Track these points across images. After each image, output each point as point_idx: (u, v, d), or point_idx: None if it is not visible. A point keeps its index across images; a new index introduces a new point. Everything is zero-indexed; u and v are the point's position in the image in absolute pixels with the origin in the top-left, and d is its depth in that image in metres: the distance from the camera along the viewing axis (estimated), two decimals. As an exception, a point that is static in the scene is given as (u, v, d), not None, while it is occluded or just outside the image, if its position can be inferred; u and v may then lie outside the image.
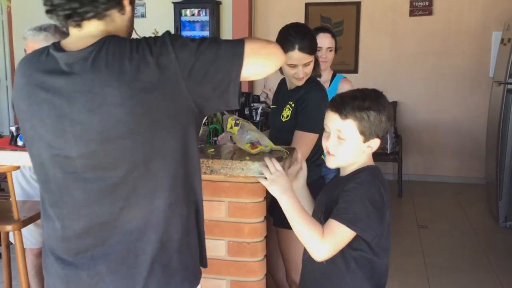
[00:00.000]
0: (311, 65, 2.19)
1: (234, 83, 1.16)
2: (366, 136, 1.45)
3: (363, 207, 1.38)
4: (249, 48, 1.16)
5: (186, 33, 5.98)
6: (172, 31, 4.86)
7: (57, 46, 1.20)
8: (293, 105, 2.20)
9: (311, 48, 2.16)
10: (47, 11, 1.19)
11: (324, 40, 2.83)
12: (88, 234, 1.19)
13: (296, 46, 2.12)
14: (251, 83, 5.83)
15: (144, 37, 1.17)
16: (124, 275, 1.18)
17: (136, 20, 1.31)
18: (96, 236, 1.19)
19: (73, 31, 1.20)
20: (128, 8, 1.24)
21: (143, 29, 1.84)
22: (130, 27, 1.27)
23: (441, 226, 4.44)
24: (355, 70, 5.83)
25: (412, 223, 4.50)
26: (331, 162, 1.51)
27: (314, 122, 2.09)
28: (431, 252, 3.85)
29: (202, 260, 1.32)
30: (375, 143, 1.47)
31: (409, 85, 5.81)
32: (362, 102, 1.44)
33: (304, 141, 2.10)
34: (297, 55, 2.13)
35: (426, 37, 5.70)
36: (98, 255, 1.19)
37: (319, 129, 2.02)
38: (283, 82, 2.41)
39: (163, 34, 1.16)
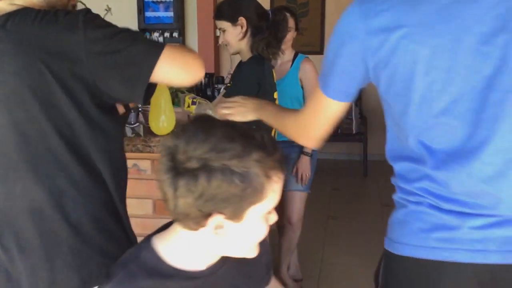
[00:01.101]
0: (228, 34, 2.20)
1: (142, 83, 1.13)
2: None
3: None
4: (167, 54, 1.13)
5: (150, 13, 5.86)
6: (135, 12, 4.76)
7: None
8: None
9: (218, 14, 2.21)
10: None
11: None
12: (1, 211, 1.18)
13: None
14: (216, 64, 5.78)
15: (56, 9, 1.14)
16: (31, 255, 1.17)
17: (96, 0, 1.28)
18: (5, 213, 1.17)
19: None
20: None
21: (101, 8, 1.79)
22: (56, 4, 1.22)
23: (404, 204, 4.53)
24: (320, 51, 5.82)
25: (375, 202, 4.58)
26: None
27: (236, 92, 2.09)
28: (394, 230, 3.92)
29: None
30: None
31: (374, 66, 5.85)
32: None
33: None
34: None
35: (390, 18, 5.73)
36: (7, 234, 1.17)
37: None
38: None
39: (80, 10, 1.14)
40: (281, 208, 2.91)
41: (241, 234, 0.93)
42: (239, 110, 1.48)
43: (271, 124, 1.41)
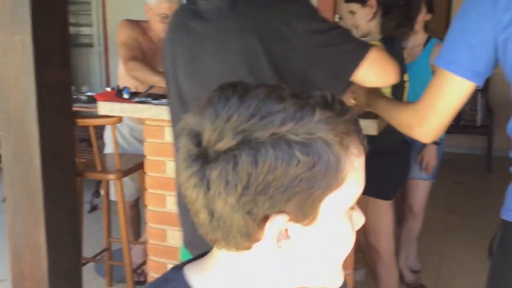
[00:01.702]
0: (358, 16, 2.13)
1: (345, 78, 1.20)
2: None
3: None
4: (372, 56, 1.19)
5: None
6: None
7: None
8: None
9: None
10: None
11: None
12: None
13: None
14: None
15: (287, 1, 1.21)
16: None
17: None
18: None
19: None
20: None
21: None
22: None
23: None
24: (445, 38, 5.56)
25: (497, 199, 4.29)
26: None
27: None
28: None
29: None
30: None
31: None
32: None
33: None
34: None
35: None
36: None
37: None
38: None
39: (302, 1, 1.20)
40: (403, 197, 2.84)
41: (317, 244, 0.59)
42: (357, 102, 1.49)
43: (384, 117, 1.39)
